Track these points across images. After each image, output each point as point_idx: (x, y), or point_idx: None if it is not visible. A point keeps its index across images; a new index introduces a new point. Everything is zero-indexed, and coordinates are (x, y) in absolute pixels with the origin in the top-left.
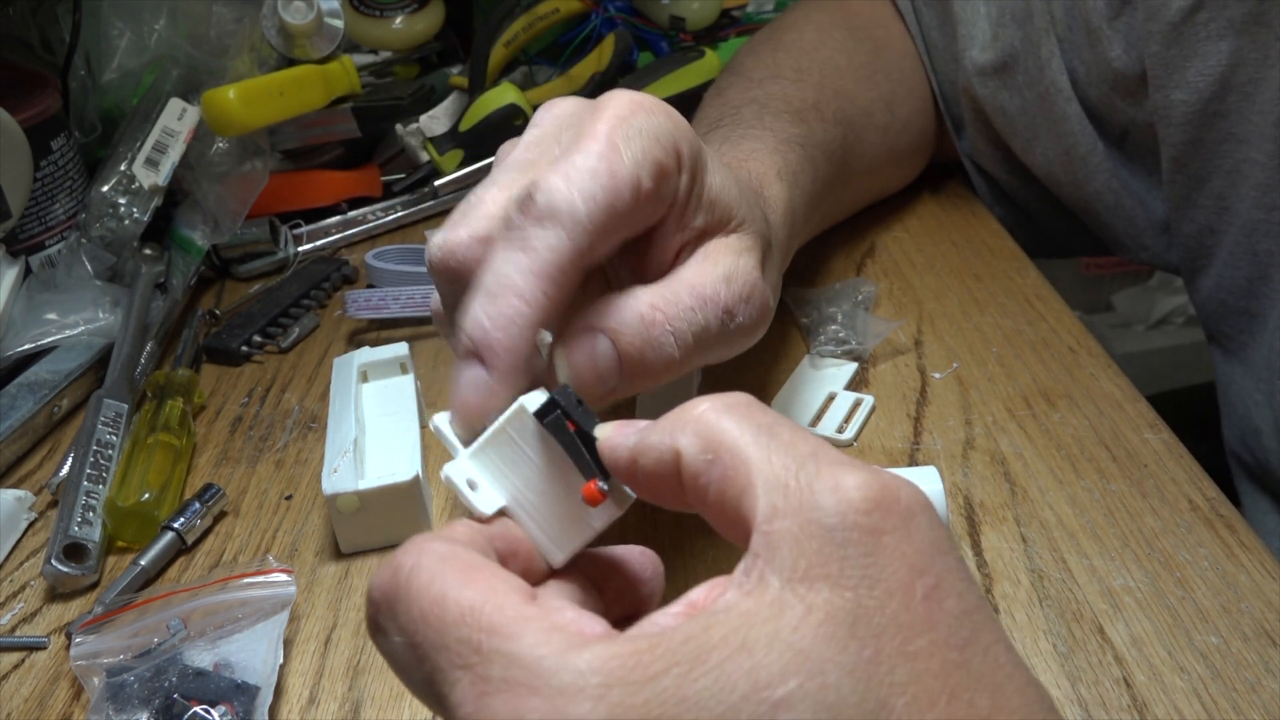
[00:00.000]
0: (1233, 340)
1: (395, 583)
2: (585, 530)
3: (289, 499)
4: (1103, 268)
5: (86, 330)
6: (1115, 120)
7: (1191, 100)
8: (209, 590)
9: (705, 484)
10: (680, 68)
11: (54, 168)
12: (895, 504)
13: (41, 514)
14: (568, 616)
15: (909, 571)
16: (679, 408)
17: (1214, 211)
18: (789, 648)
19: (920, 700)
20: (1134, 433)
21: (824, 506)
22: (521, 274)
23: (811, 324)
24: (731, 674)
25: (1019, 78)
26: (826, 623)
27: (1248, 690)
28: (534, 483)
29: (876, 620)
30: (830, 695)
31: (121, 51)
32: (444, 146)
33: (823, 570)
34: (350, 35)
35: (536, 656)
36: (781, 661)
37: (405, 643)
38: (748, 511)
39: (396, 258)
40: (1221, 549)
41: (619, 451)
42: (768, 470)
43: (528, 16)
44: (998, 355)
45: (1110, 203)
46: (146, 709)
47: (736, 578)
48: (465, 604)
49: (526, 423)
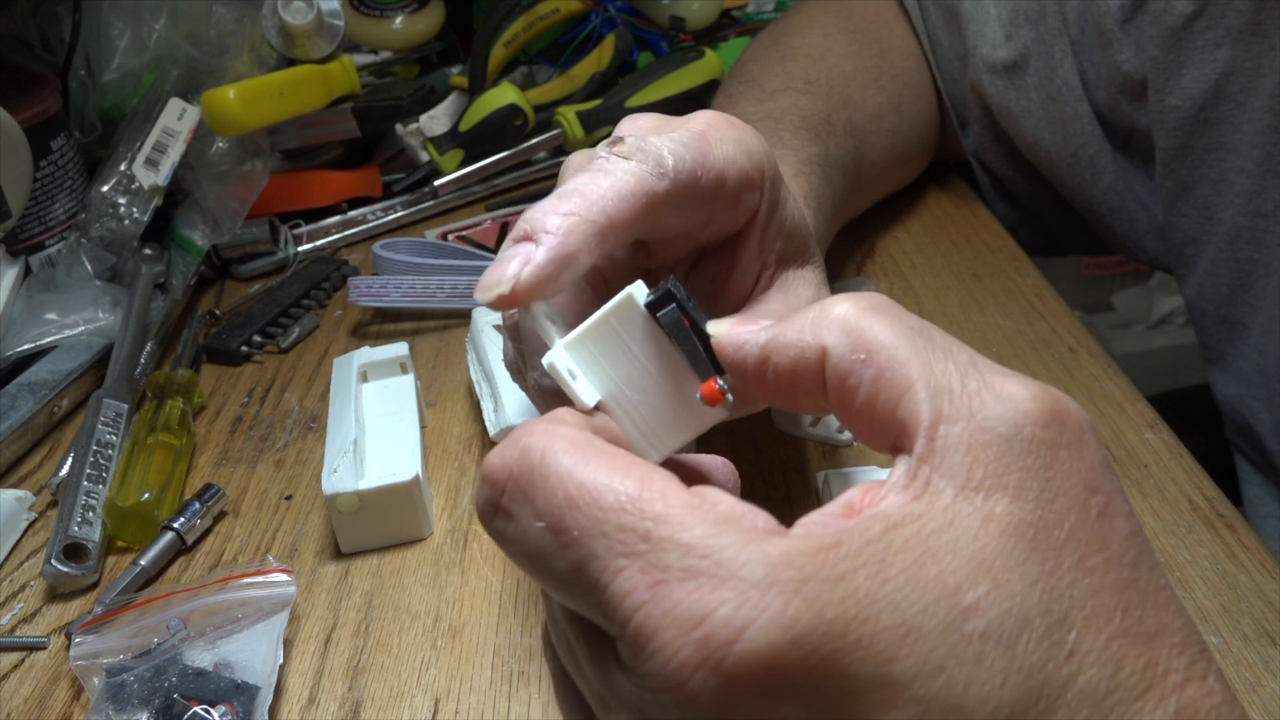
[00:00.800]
0: (1212, 349)
1: (528, 464)
2: (685, 432)
3: (289, 499)
4: (1103, 268)
5: (86, 330)
6: (1120, 123)
7: (1185, 106)
8: (209, 590)
9: (855, 384)
10: (680, 68)
11: (54, 168)
12: (1069, 418)
13: (41, 514)
14: (738, 509)
15: (1084, 489)
16: (813, 306)
17: (1198, 220)
18: (973, 557)
19: (1098, 614)
20: (1134, 433)
21: (998, 415)
22: (595, 187)
23: None
24: (921, 578)
25: (1030, 78)
26: (1008, 533)
27: (1248, 690)
28: (635, 379)
29: (1055, 535)
30: (1017, 604)
31: (121, 51)
32: (444, 146)
33: (1000, 480)
34: (350, 35)
35: (718, 546)
36: (968, 569)
37: (546, 527)
38: (906, 415)
39: (408, 249)
40: (1221, 549)
41: (748, 349)
42: (929, 374)
43: (528, 16)
44: (998, 355)
45: (1115, 204)
46: (146, 709)
47: (898, 480)
48: (623, 490)
49: (634, 315)
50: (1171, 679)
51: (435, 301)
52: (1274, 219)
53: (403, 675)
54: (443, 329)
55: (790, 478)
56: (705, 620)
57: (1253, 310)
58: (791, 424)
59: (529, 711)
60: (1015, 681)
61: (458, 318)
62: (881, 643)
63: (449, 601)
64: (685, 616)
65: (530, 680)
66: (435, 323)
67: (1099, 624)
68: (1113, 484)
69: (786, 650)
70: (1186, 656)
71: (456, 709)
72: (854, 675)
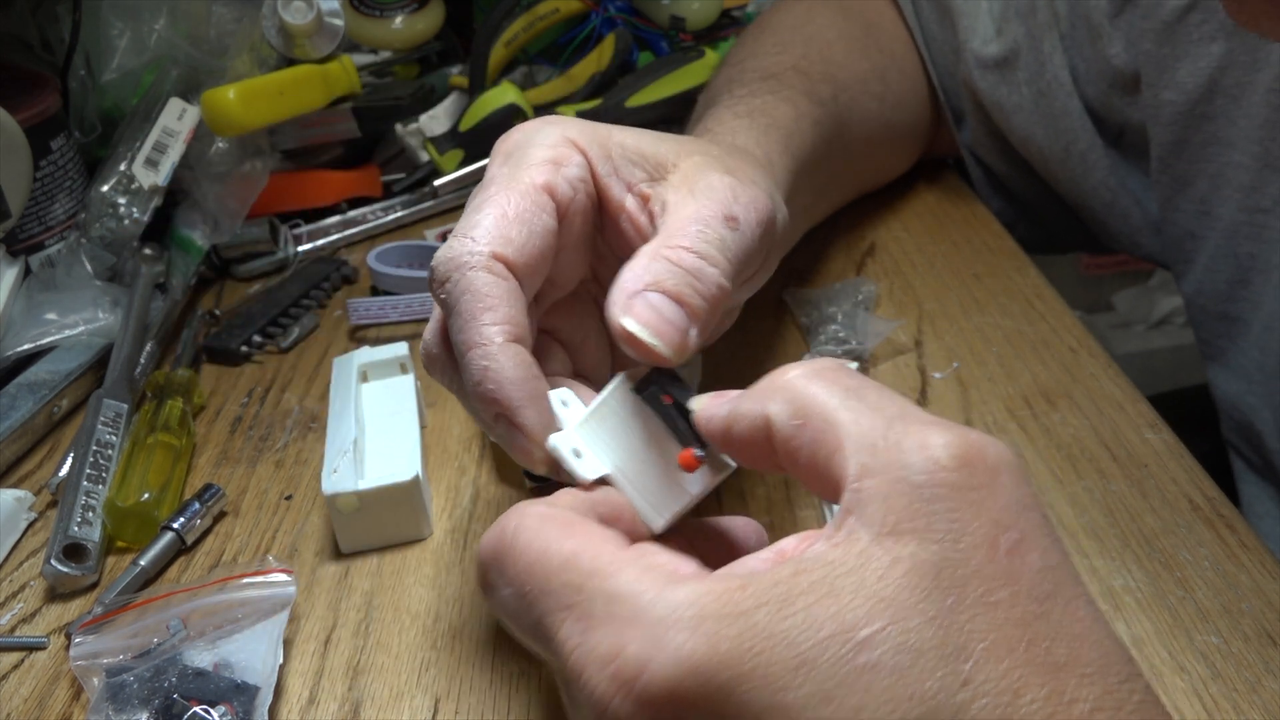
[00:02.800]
0: (1211, 346)
1: (501, 541)
2: (683, 496)
3: (289, 499)
4: (1103, 267)
5: (86, 330)
6: (1112, 119)
7: (1180, 101)
8: (209, 590)
9: (797, 447)
10: (680, 68)
11: (54, 168)
12: (981, 461)
13: (41, 514)
14: (661, 559)
15: (993, 526)
16: (770, 375)
17: (1195, 215)
18: (874, 594)
19: (999, 646)
20: (1134, 433)
21: (911, 464)
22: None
23: (811, 324)
24: (819, 615)
25: (1020, 73)
26: (912, 573)
27: (1248, 690)
28: (636, 452)
29: (960, 572)
30: (911, 639)
31: (121, 51)
32: (444, 146)
33: (910, 525)
34: (350, 35)
35: (634, 592)
36: (866, 606)
37: (514, 593)
38: (838, 471)
39: (398, 256)
40: (1221, 549)
41: (714, 421)
42: (856, 431)
43: (528, 16)
44: (998, 355)
45: (1107, 199)
46: (146, 709)
47: (827, 531)
48: (566, 551)
49: (626, 396)
50: (1078, 708)
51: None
52: (1273, 214)
53: (403, 675)
54: None
55: (790, 478)
56: (618, 656)
57: (1252, 306)
58: None
59: (529, 712)
60: (906, 709)
61: None
62: (776, 674)
63: (449, 601)
64: (603, 655)
65: (530, 680)
66: None
67: (999, 654)
68: (1030, 520)
69: (684, 679)
70: (1099, 686)
71: (456, 709)
72: (749, 703)
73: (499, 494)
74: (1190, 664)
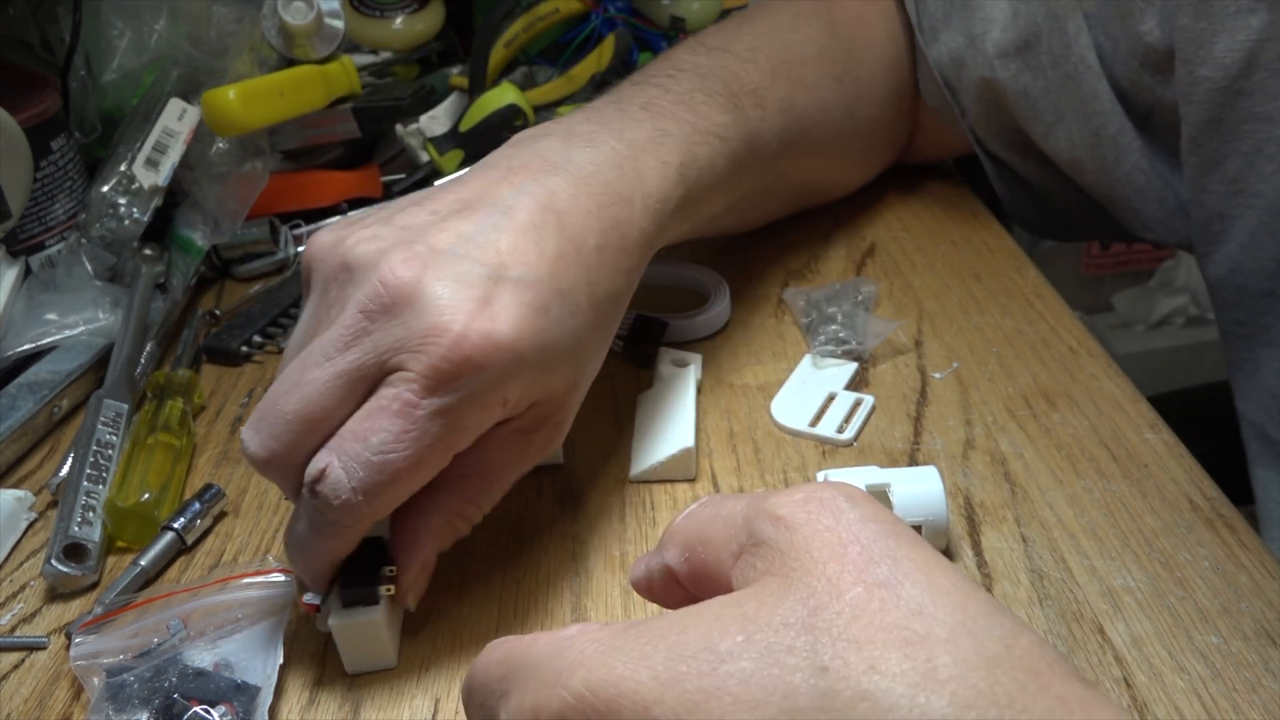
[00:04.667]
0: (1252, 325)
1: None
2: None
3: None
4: (1103, 267)
5: (86, 330)
6: (1141, 99)
7: (1217, 78)
8: (209, 590)
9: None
10: None
11: (54, 168)
12: (816, 499)
13: (41, 514)
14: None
15: (837, 543)
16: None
17: (1226, 195)
18: (736, 615)
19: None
20: (1134, 433)
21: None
22: (315, 545)
23: (811, 324)
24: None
25: (1043, 57)
26: (768, 594)
27: (1248, 690)
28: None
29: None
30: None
31: (121, 51)
32: (444, 147)
33: (767, 567)
34: (350, 35)
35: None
36: (727, 625)
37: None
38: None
39: None
40: (1222, 549)
41: (640, 584)
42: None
43: (528, 17)
44: (998, 355)
45: (1140, 184)
46: (146, 709)
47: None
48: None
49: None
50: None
51: None
52: None
53: (403, 675)
54: None
55: (790, 478)
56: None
57: None
58: (792, 423)
59: None
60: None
61: None
62: (645, 692)
63: (449, 601)
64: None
65: None
66: None
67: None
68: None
69: (566, 711)
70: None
71: (456, 709)
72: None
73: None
74: (1190, 664)
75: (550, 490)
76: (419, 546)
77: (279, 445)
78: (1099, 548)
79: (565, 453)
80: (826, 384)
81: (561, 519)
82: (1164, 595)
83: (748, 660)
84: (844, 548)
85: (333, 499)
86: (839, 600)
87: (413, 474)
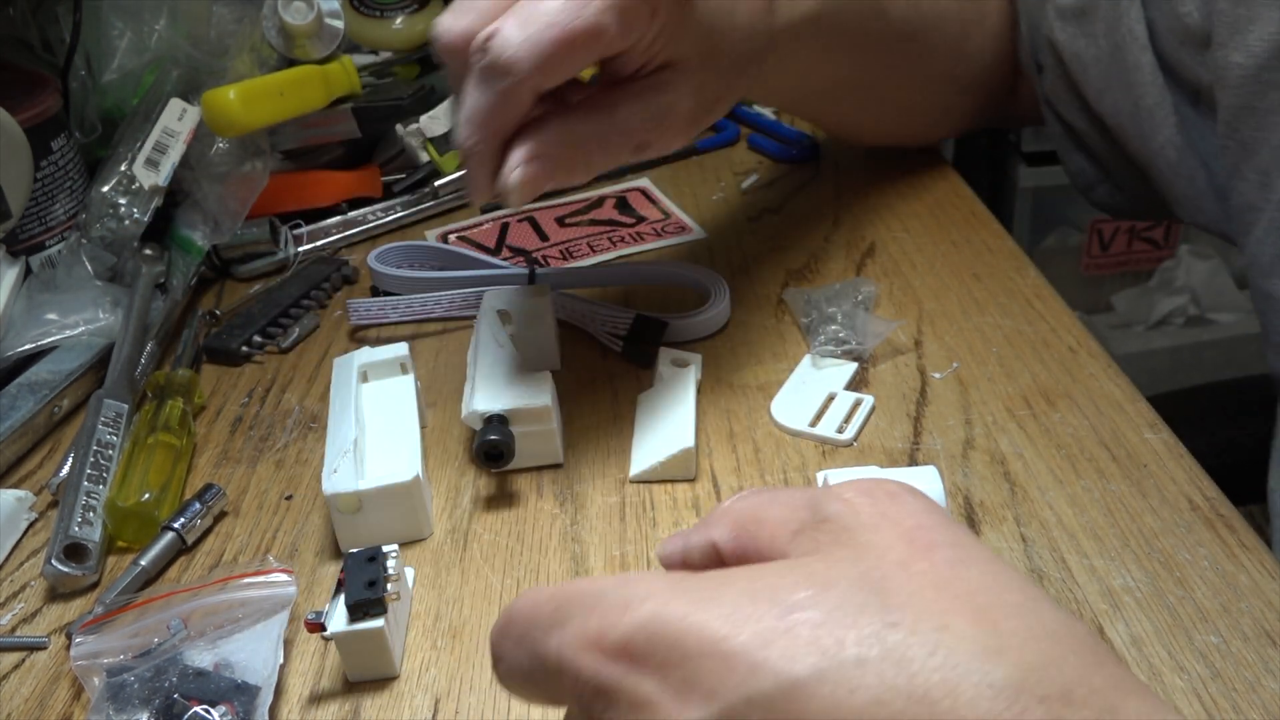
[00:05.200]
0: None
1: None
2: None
3: (289, 499)
4: (1103, 268)
5: (87, 330)
6: (1186, 76)
7: (1247, 65)
8: (209, 590)
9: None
10: None
11: (54, 168)
12: (881, 489)
13: (42, 514)
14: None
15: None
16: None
17: (1257, 187)
18: (804, 573)
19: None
20: (1134, 433)
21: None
22: (482, 109)
23: (811, 324)
24: (753, 587)
25: (1098, 24)
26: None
27: (1248, 690)
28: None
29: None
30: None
31: (121, 51)
32: (444, 147)
33: (831, 543)
34: (350, 35)
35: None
36: (796, 579)
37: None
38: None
39: (398, 257)
40: (1221, 549)
41: (673, 556)
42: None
43: None
44: (998, 355)
45: (1173, 159)
46: (146, 709)
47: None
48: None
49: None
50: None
51: (436, 314)
52: None
53: (403, 675)
54: (443, 330)
55: (790, 478)
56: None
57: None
58: (792, 423)
59: (529, 712)
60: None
61: (458, 318)
62: (716, 627)
63: (449, 601)
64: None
65: None
66: (435, 324)
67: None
68: (935, 520)
69: (635, 634)
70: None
71: (456, 709)
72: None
73: (499, 494)
74: (1190, 664)
75: (550, 490)
76: (542, 147)
77: (465, 21)
78: (1099, 547)
79: (565, 453)
80: (826, 384)
81: (561, 519)
82: (1163, 595)
83: (817, 611)
84: (910, 531)
85: (502, 50)
86: (906, 571)
87: (578, 43)
